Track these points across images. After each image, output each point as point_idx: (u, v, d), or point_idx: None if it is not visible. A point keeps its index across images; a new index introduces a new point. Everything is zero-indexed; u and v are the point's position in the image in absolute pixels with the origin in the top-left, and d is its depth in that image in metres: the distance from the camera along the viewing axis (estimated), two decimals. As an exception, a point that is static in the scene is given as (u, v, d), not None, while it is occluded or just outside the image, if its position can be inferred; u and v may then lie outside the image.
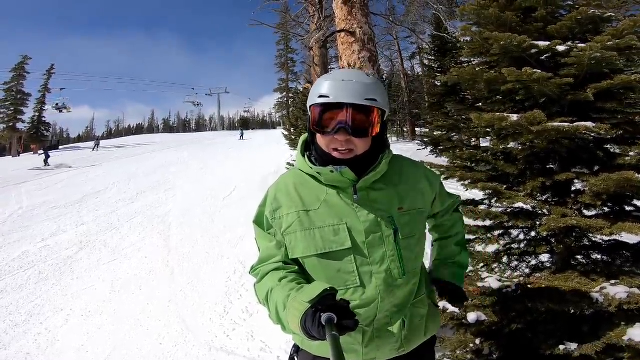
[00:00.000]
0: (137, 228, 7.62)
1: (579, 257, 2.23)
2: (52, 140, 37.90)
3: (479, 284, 2.21)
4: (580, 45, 2.19)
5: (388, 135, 1.19)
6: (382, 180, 1.09)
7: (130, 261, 5.92)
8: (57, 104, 37.35)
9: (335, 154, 1.02)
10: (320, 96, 0.99)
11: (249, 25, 8.73)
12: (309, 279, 1.08)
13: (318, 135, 1.05)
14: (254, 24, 8.89)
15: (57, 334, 3.98)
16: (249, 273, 1.18)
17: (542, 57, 2.49)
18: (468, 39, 2.97)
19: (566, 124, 1.96)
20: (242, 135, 31.61)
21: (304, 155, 1.12)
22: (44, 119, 37.28)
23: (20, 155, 31.02)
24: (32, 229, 8.08)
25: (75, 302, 4.67)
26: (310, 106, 1.03)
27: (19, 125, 34.90)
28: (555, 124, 1.98)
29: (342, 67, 3.42)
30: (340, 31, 3.38)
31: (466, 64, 2.95)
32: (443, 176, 2.71)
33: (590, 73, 2.23)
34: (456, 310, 2.12)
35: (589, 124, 1.96)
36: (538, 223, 2.27)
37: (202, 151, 19.48)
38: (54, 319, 4.30)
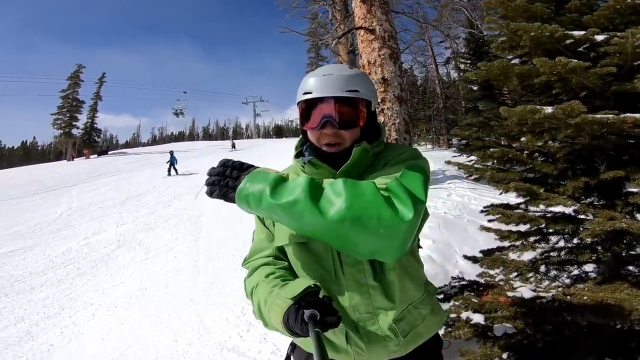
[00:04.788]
0: (171, 229, 7.90)
1: (630, 267, 1.97)
2: (102, 146, 40.83)
3: (510, 294, 2.00)
4: (620, 33, 1.97)
5: (424, 143, 1.06)
6: (369, 172, 0.99)
7: (160, 260, 6.10)
8: (177, 108, 39.84)
9: (325, 148, 1.01)
10: (305, 93, 0.99)
11: (278, 31, 8.94)
12: (297, 276, 1.05)
13: (308, 132, 1.04)
14: (284, 31, 9.08)
15: (82, 327, 4.11)
16: (242, 265, 1.17)
17: (580, 49, 2.26)
18: (496, 33, 2.79)
19: (610, 116, 1.74)
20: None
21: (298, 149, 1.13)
22: (95, 125, 40.14)
23: (74, 159, 33.63)
24: (77, 227, 8.68)
25: (104, 298, 4.84)
26: (298, 104, 1.03)
27: (74, 131, 37.54)
28: (598, 116, 1.76)
29: (362, 65, 3.34)
30: (358, 28, 3.31)
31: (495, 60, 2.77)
32: (473, 176, 2.51)
33: (636, 63, 1.99)
34: (481, 321, 1.93)
35: (638, 115, 1.73)
36: (581, 228, 2.03)
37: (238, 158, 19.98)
38: (82, 313, 4.46)
